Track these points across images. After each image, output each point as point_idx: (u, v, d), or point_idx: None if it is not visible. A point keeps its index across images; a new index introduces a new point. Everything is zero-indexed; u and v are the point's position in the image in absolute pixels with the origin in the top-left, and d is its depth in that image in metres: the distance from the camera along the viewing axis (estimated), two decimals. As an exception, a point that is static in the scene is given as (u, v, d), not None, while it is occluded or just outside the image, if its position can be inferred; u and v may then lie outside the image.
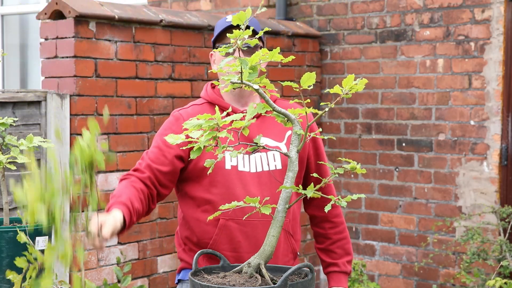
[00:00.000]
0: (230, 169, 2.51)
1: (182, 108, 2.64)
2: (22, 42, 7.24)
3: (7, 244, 2.22)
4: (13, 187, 1.88)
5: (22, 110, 3.89)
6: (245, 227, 2.51)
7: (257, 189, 2.51)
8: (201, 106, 2.61)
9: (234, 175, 2.51)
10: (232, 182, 2.50)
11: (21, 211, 3.92)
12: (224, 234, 2.52)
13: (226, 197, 2.49)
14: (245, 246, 2.51)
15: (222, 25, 2.55)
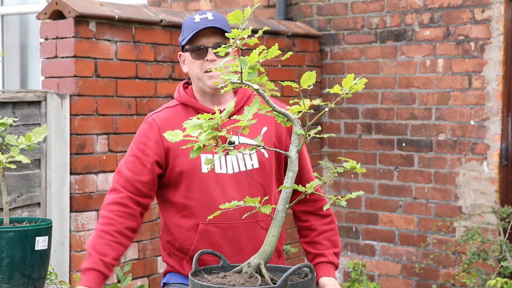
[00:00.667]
0: (207, 173, 2.46)
1: (155, 112, 2.59)
2: (22, 42, 7.24)
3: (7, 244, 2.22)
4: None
5: (22, 110, 3.89)
6: (226, 230, 2.47)
7: (235, 190, 2.47)
8: (174, 108, 2.56)
9: (211, 178, 2.46)
10: (209, 186, 2.46)
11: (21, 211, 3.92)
12: (205, 239, 2.48)
13: (204, 201, 2.46)
14: (227, 250, 2.45)
15: (192, 27, 2.48)
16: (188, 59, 2.51)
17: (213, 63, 2.45)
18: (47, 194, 3.99)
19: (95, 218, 4.16)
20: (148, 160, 2.47)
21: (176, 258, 2.58)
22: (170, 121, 2.50)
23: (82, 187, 4.10)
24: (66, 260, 4.06)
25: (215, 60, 2.44)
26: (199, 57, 2.47)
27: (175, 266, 2.59)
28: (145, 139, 2.49)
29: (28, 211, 3.93)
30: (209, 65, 2.45)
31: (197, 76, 2.49)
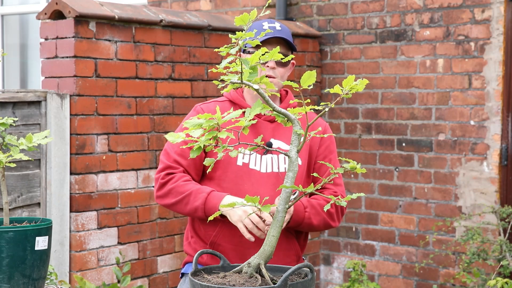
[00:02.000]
0: (241, 166, 2.59)
1: (204, 103, 2.74)
2: (22, 42, 7.24)
3: (7, 244, 2.22)
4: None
5: (22, 110, 3.89)
6: None
7: (265, 188, 2.58)
8: (222, 103, 2.69)
9: (244, 172, 2.60)
10: (241, 178, 2.59)
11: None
12: (227, 228, 2.59)
13: (235, 192, 2.58)
14: (246, 241, 2.55)
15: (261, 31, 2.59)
16: None
17: (273, 71, 2.62)
18: (47, 194, 3.99)
19: (95, 218, 4.17)
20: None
21: (196, 248, 2.68)
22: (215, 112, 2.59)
23: (82, 187, 4.10)
24: (66, 260, 4.07)
25: (274, 68, 2.62)
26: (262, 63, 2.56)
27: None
28: None
29: (28, 211, 3.93)
30: (269, 72, 2.62)
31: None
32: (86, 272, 4.12)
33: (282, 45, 2.62)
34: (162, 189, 2.64)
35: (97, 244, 4.17)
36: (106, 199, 4.22)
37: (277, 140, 2.65)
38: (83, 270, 4.10)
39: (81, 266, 4.09)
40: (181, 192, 2.59)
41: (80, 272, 4.08)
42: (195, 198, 2.55)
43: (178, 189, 2.60)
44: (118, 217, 4.28)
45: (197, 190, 2.56)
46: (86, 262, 4.12)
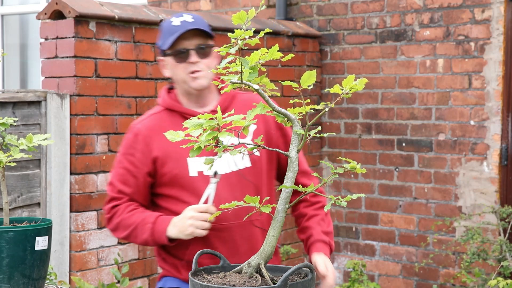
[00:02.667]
0: (197, 176, 2.46)
1: (140, 121, 2.57)
2: (22, 42, 7.24)
3: (7, 244, 2.22)
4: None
5: (22, 110, 3.89)
6: (221, 232, 2.46)
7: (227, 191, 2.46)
8: (159, 115, 2.55)
9: (200, 181, 2.45)
10: (199, 189, 2.44)
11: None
12: (200, 243, 2.45)
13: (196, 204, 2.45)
14: (223, 252, 2.41)
15: (172, 30, 2.49)
16: (171, 64, 2.52)
17: (197, 65, 2.47)
18: (47, 194, 3.99)
19: (95, 218, 4.16)
20: (139, 172, 2.49)
21: (172, 264, 2.57)
22: (156, 129, 2.50)
23: (82, 187, 4.10)
24: (66, 260, 4.07)
25: (198, 61, 2.47)
26: (182, 60, 2.48)
27: (171, 270, 2.59)
28: (132, 150, 2.50)
29: (28, 211, 3.93)
30: (192, 67, 2.47)
31: (182, 79, 2.50)
32: (86, 272, 4.12)
33: (199, 36, 2.48)
34: (110, 223, 2.55)
35: (97, 244, 4.17)
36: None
37: None
38: (83, 270, 4.10)
39: (81, 266, 4.09)
40: (128, 225, 2.48)
41: (80, 272, 4.08)
42: (142, 231, 2.45)
43: (124, 222, 2.49)
44: (118, 217, 4.28)
45: (142, 221, 2.45)
46: (86, 262, 4.12)
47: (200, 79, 2.47)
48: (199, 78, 2.47)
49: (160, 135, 2.44)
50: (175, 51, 2.48)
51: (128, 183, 2.49)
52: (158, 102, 2.61)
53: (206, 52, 2.48)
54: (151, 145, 2.48)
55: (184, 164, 2.45)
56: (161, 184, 2.51)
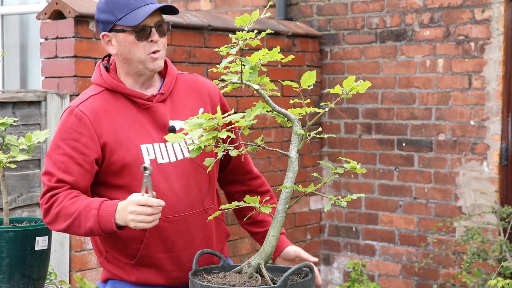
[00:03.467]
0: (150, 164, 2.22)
1: (81, 103, 2.27)
2: (22, 42, 7.24)
3: (7, 244, 2.22)
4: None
5: (22, 110, 3.89)
6: (177, 224, 2.26)
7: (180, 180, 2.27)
8: (100, 96, 2.28)
9: (155, 170, 2.22)
10: (154, 179, 2.21)
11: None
12: (156, 236, 2.25)
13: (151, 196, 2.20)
14: (179, 245, 2.27)
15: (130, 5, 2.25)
16: (127, 41, 2.25)
17: (157, 44, 2.25)
18: (47, 194, 3.99)
19: (95, 218, 4.16)
20: (85, 159, 2.21)
21: (119, 264, 2.31)
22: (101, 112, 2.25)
23: (82, 187, 4.10)
24: (66, 260, 4.06)
25: (158, 40, 2.25)
26: (143, 39, 2.24)
27: (119, 274, 2.32)
28: (76, 135, 2.22)
29: (28, 211, 3.93)
30: (153, 47, 2.25)
31: (139, 59, 2.25)
32: (86, 272, 4.12)
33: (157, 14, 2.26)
34: (48, 214, 2.21)
35: (97, 244, 4.17)
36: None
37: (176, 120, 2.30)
38: (83, 270, 4.10)
39: (81, 266, 4.09)
40: (69, 214, 2.16)
41: (80, 272, 4.08)
42: (86, 218, 2.14)
43: (65, 211, 2.17)
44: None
45: (86, 207, 2.14)
46: (86, 262, 4.12)
47: (159, 60, 2.27)
48: (158, 59, 2.27)
49: (108, 119, 2.24)
50: (138, 28, 2.23)
51: (71, 171, 2.20)
52: (95, 81, 2.33)
53: (164, 30, 2.28)
54: (99, 130, 2.23)
55: (137, 151, 2.24)
56: (108, 173, 2.25)
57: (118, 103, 2.28)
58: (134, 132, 2.24)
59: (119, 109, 2.26)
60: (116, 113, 2.25)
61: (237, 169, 2.48)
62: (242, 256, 5.06)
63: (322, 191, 5.62)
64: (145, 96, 2.28)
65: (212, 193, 2.36)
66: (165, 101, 2.31)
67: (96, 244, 2.37)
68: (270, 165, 5.23)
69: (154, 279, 2.28)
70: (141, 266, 2.28)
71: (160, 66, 2.28)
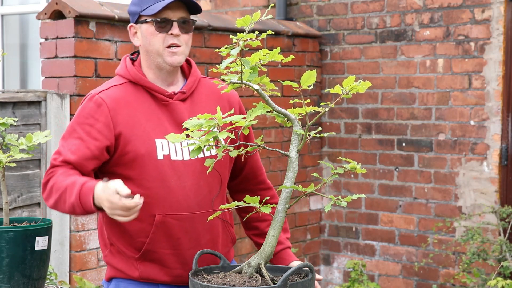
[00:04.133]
0: (163, 159, 2.25)
1: (102, 91, 2.30)
2: (22, 42, 7.24)
3: (7, 244, 2.22)
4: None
5: (22, 110, 3.89)
6: (184, 222, 2.27)
7: (192, 179, 2.28)
8: (123, 87, 2.31)
9: (167, 165, 2.25)
10: (166, 174, 2.24)
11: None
12: (162, 232, 2.26)
13: (160, 190, 2.25)
14: (185, 243, 2.28)
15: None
16: (148, 32, 2.29)
17: (177, 38, 2.28)
18: (47, 194, 3.99)
19: (95, 218, 4.16)
20: (96, 145, 2.22)
21: (123, 258, 2.32)
22: (121, 102, 2.28)
23: (82, 187, 4.10)
24: (66, 260, 4.07)
25: (179, 35, 2.28)
26: (163, 30, 2.28)
27: (123, 269, 2.33)
28: (92, 120, 2.24)
29: (28, 211, 3.93)
30: (173, 40, 2.28)
31: (157, 51, 2.29)
32: (86, 272, 4.12)
33: (182, 9, 2.29)
34: (44, 190, 2.21)
35: (97, 244, 4.17)
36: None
37: None
38: (83, 270, 4.10)
39: (81, 266, 4.09)
40: (58, 188, 2.16)
41: (80, 272, 4.08)
42: (70, 193, 2.12)
43: (56, 186, 2.16)
44: (118, 217, 4.28)
45: (72, 184, 2.12)
46: (86, 262, 4.12)
47: (178, 55, 2.29)
48: (177, 54, 2.29)
49: (126, 110, 2.26)
50: (158, 18, 2.27)
51: (78, 153, 2.20)
52: (119, 73, 2.36)
53: (188, 27, 2.30)
54: (115, 119, 2.24)
55: (152, 145, 2.25)
56: (119, 163, 2.26)
57: (139, 95, 2.31)
58: (150, 126, 2.26)
59: (139, 101, 2.29)
60: (136, 105, 2.28)
61: (249, 179, 2.50)
62: (242, 256, 5.06)
63: (322, 191, 5.62)
64: (166, 92, 2.31)
65: (222, 196, 2.38)
66: (185, 100, 2.34)
67: (102, 237, 2.38)
68: (270, 165, 5.23)
69: (157, 275, 2.29)
70: (145, 261, 2.29)
71: (179, 61, 2.30)
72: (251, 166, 2.47)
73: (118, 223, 2.26)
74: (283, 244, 2.48)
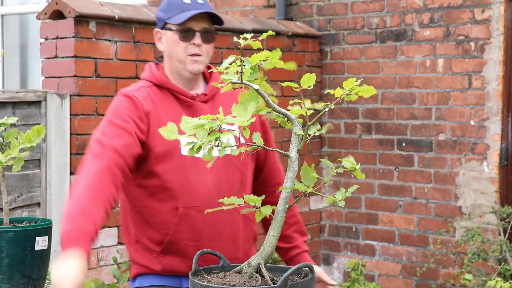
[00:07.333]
0: (186, 155, 2.32)
1: (132, 90, 2.41)
2: (22, 42, 7.24)
3: (7, 244, 2.22)
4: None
5: (22, 110, 3.89)
6: (206, 215, 2.29)
7: (213, 175, 2.38)
8: (149, 89, 2.43)
9: (189, 162, 2.36)
10: (188, 169, 2.36)
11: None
12: (185, 224, 2.37)
13: (183, 184, 2.36)
14: (206, 235, 2.38)
15: (181, 7, 2.40)
16: (172, 40, 2.42)
17: (199, 48, 2.41)
18: (47, 194, 3.99)
19: (95, 218, 4.16)
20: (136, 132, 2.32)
21: (147, 254, 2.42)
22: (149, 101, 2.40)
23: (82, 187, 4.10)
24: (66, 260, 4.06)
25: (201, 45, 2.41)
26: (186, 40, 2.40)
27: (146, 264, 2.43)
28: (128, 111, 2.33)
29: (28, 211, 3.93)
30: (195, 49, 2.41)
31: (180, 58, 2.43)
32: (86, 272, 4.11)
33: (205, 20, 2.42)
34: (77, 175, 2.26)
35: (97, 244, 4.17)
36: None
37: None
38: (83, 270, 4.10)
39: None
40: (73, 195, 2.19)
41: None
42: (66, 216, 2.21)
43: (73, 192, 2.19)
44: (118, 217, 4.28)
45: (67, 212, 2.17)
46: (86, 262, 4.12)
47: (198, 64, 2.42)
48: (198, 63, 2.42)
49: (154, 108, 2.38)
50: (182, 28, 2.39)
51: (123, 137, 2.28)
52: (144, 77, 2.48)
53: (209, 37, 2.43)
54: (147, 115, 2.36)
55: (176, 141, 2.24)
56: (146, 159, 2.36)
57: (164, 97, 2.43)
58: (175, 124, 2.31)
59: (164, 102, 2.41)
60: (161, 105, 2.40)
61: (267, 180, 2.60)
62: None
63: (322, 191, 5.63)
64: (189, 94, 2.44)
65: (243, 193, 2.39)
66: (207, 102, 2.46)
67: (128, 235, 2.47)
68: (270, 165, 5.23)
69: (179, 267, 2.39)
70: (168, 253, 2.39)
71: (198, 69, 2.43)
72: (269, 167, 2.59)
73: (143, 218, 2.39)
74: (299, 248, 2.62)
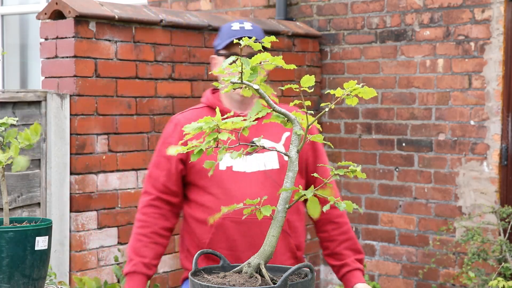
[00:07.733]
0: (225, 170, 2.58)
1: (181, 113, 2.73)
2: (22, 42, 7.24)
3: (7, 244, 2.22)
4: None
5: (22, 110, 3.89)
6: (241, 225, 2.55)
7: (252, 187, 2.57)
8: (200, 110, 2.68)
9: (229, 175, 2.58)
10: (227, 183, 2.57)
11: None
12: (221, 233, 2.58)
13: (221, 197, 2.58)
14: (241, 245, 2.56)
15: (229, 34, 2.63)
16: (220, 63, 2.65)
17: None
18: (47, 194, 3.99)
19: (95, 218, 4.17)
20: (173, 158, 2.61)
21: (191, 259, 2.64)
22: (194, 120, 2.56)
23: (82, 187, 4.10)
24: (66, 260, 4.07)
25: None
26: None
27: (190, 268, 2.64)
28: (170, 139, 2.63)
29: (28, 211, 3.93)
30: None
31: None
32: (86, 272, 4.12)
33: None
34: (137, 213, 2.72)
35: (97, 244, 4.17)
36: (106, 199, 4.22)
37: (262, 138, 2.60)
38: (83, 270, 4.11)
39: (81, 266, 4.10)
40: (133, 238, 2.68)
41: (80, 272, 4.08)
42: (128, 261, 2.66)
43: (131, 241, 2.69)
44: (118, 217, 4.28)
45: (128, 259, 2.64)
46: (86, 262, 4.12)
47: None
48: None
49: None
50: (229, 53, 2.59)
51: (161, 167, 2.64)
52: (202, 100, 2.74)
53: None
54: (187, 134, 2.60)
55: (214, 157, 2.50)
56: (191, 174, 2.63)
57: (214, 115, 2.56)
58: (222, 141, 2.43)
59: None
60: None
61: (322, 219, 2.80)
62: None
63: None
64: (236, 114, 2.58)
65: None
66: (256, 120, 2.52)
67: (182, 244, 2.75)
68: (270, 165, 5.23)
69: None
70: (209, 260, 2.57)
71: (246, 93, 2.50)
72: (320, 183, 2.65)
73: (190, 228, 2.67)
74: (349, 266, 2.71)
